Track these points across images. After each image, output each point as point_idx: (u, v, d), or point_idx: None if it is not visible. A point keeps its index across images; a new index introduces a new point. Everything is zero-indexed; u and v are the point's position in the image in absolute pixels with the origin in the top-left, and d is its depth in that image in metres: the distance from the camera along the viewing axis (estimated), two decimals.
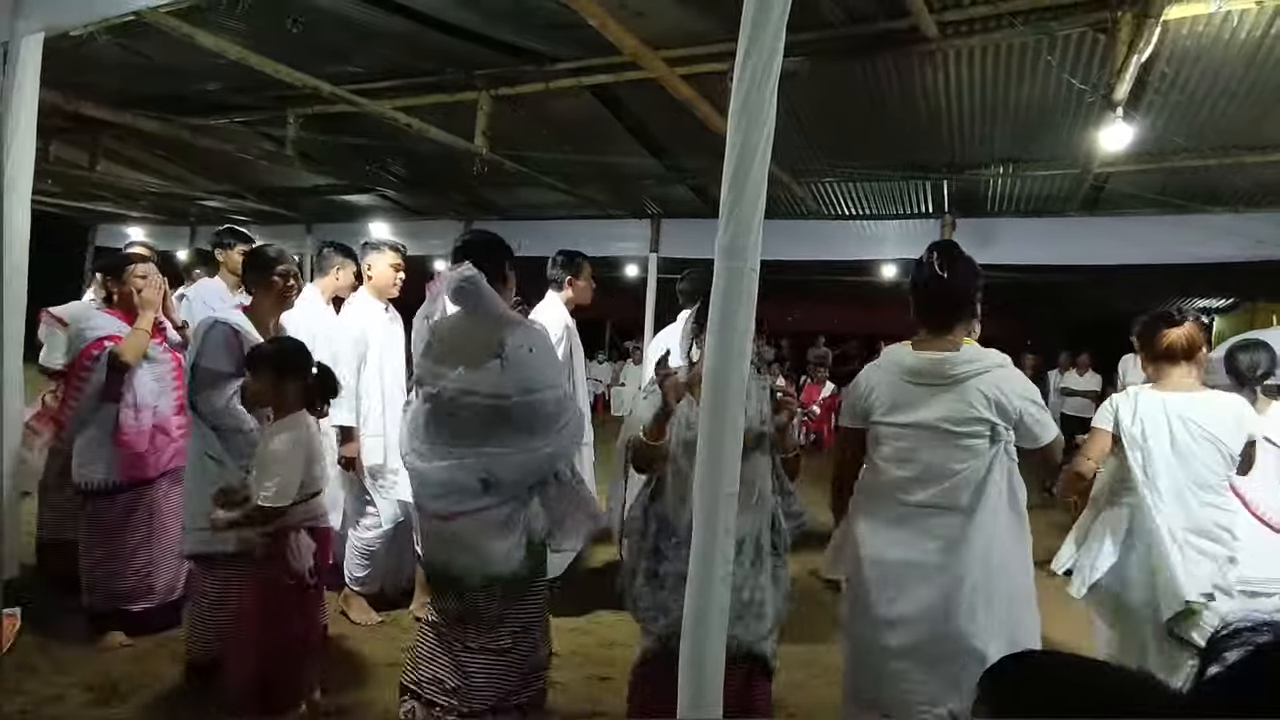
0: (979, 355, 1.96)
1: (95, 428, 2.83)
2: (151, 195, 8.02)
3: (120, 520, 2.88)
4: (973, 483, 1.90)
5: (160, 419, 2.91)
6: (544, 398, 2.17)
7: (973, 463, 1.91)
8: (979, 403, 1.89)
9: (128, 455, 2.83)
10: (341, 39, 3.84)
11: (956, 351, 1.96)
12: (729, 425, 1.35)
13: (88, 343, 2.81)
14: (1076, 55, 3.39)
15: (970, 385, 1.91)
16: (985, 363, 1.93)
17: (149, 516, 2.92)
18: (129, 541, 2.88)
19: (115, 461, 2.83)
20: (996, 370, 1.93)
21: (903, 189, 5.76)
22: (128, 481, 2.85)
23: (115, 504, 2.86)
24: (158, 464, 2.90)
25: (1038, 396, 1.97)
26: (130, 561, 2.89)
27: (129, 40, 3.87)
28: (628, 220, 7.18)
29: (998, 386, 1.90)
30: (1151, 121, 3.86)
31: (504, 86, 4.30)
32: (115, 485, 2.84)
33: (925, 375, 1.97)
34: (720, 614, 1.36)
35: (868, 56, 3.60)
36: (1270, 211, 4.94)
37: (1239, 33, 3.10)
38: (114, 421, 2.82)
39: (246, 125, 5.31)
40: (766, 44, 1.31)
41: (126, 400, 2.83)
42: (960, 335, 2.00)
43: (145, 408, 2.87)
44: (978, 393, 1.90)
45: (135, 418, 2.84)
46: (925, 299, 2.02)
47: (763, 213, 1.33)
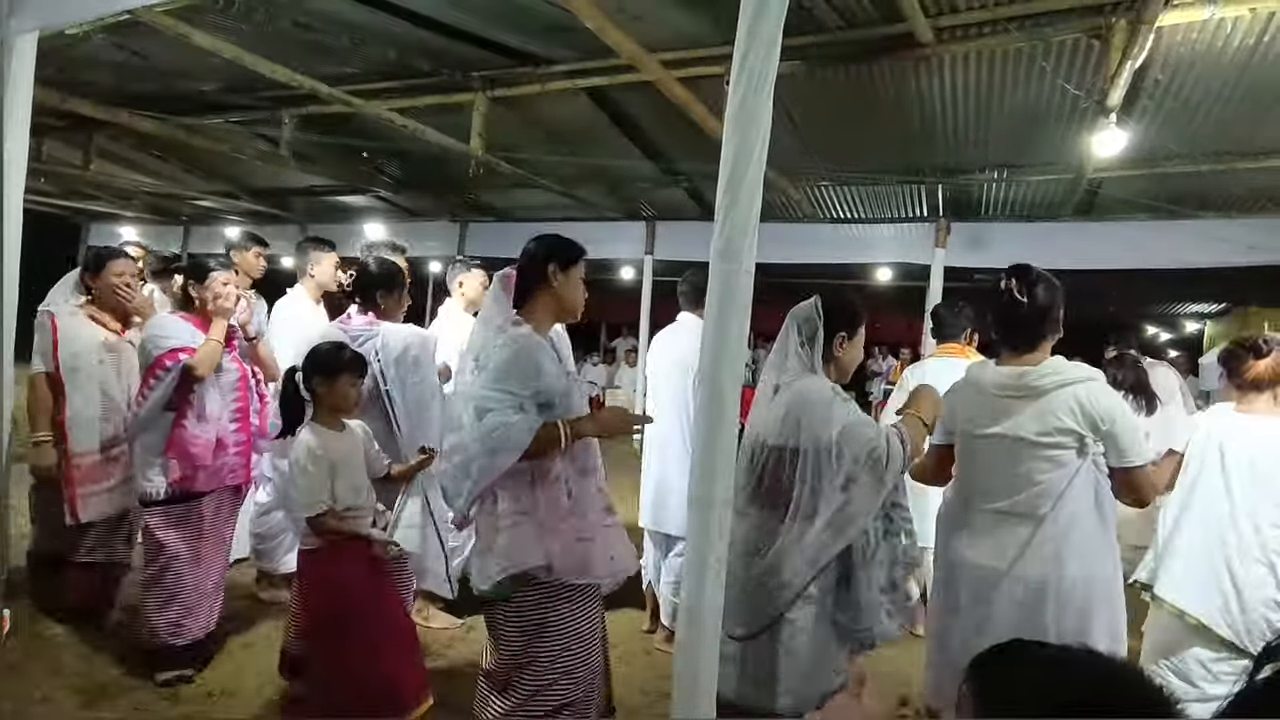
0: (1064, 367, 1.96)
1: (152, 437, 2.71)
2: (145, 195, 8.00)
3: (169, 533, 2.73)
4: (1054, 492, 1.91)
5: (221, 432, 2.80)
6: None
7: (1056, 473, 1.92)
8: (1064, 413, 1.90)
9: (184, 466, 2.70)
10: (337, 39, 3.83)
11: (1039, 365, 1.98)
12: (724, 428, 1.35)
13: (162, 351, 2.67)
14: (1071, 61, 3.41)
15: (1056, 396, 1.92)
16: (1072, 375, 1.94)
17: (196, 535, 2.76)
18: (180, 557, 2.73)
19: (169, 472, 2.70)
20: (1087, 383, 1.93)
21: (898, 193, 5.78)
22: (180, 492, 2.72)
23: (169, 516, 2.73)
24: (209, 479, 2.77)
25: (1129, 415, 1.95)
26: (181, 580, 2.74)
27: (124, 39, 3.86)
28: (623, 222, 7.18)
29: (1087, 399, 1.90)
30: (1145, 127, 3.89)
31: (500, 88, 4.30)
32: (169, 495, 2.71)
33: (1008, 388, 1.99)
34: (714, 616, 1.36)
35: (863, 61, 3.61)
36: (1263, 217, 4.97)
37: (1232, 39, 3.12)
38: (171, 431, 2.70)
39: (241, 125, 5.30)
40: (763, 48, 1.32)
41: (191, 410, 2.73)
42: (1044, 352, 2.01)
43: (210, 419, 2.76)
44: (1064, 404, 1.90)
45: (199, 428, 2.73)
46: (1006, 323, 2.04)
47: (758, 216, 1.33)
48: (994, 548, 1.98)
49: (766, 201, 1.39)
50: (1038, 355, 2.00)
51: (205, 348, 2.71)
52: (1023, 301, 1.97)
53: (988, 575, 1.98)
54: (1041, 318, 1.99)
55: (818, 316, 1.96)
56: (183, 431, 2.69)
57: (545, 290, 2.07)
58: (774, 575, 1.88)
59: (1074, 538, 1.91)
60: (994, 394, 2.02)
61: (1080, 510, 1.93)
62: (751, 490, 1.97)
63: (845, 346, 2.02)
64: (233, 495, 2.93)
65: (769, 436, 1.94)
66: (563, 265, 2.08)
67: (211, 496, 2.80)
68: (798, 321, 1.99)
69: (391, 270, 2.89)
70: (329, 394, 2.29)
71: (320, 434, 2.26)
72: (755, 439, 1.99)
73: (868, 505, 1.84)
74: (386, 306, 2.81)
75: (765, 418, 1.97)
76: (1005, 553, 1.96)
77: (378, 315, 2.78)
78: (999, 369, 2.05)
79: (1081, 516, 1.93)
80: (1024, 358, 2.01)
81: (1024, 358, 2.01)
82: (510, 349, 1.94)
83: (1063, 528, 1.91)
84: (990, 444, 2.01)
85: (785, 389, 1.95)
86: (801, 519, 1.86)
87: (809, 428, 1.85)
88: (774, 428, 1.92)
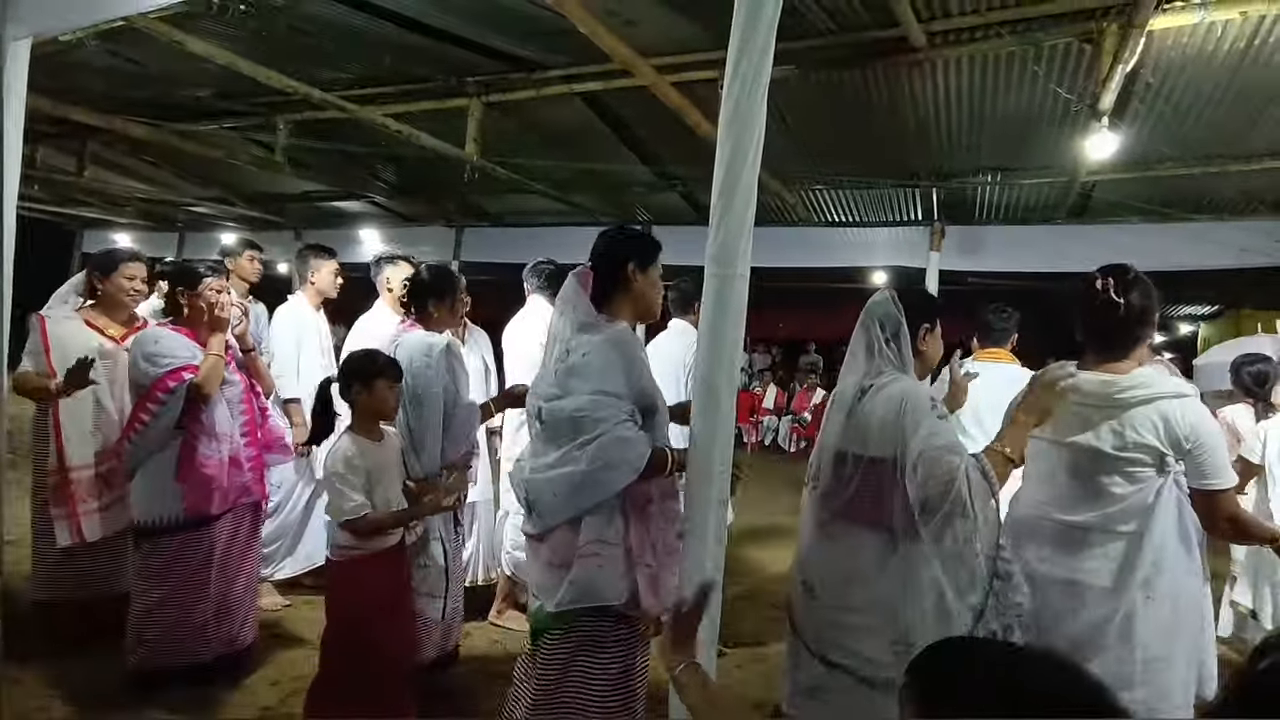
0: (1154, 380, 1.84)
1: (158, 462, 2.55)
2: (139, 201, 7.98)
3: (177, 561, 2.57)
4: (1138, 509, 1.82)
5: (234, 449, 2.66)
6: None
7: (1137, 488, 1.82)
8: (1146, 429, 1.79)
9: (197, 489, 2.55)
10: (331, 45, 3.84)
11: (1126, 375, 1.85)
12: (720, 429, 1.35)
13: (162, 371, 2.49)
14: (1063, 65, 3.43)
15: (1140, 411, 1.80)
16: (1162, 388, 1.82)
17: (209, 558, 2.62)
18: (188, 585, 2.58)
19: (179, 496, 2.54)
20: (1175, 400, 1.81)
21: (892, 196, 5.80)
22: (191, 518, 2.56)
23: (173, 543, 2.57)
24: (224, 499, 2.63)
25: (1218, 435, 1.84)
26: (190, 609, 2.58)
27: (117, 45, 3.86)
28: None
29: (1174, 415, 1.79)
30: (1137, 130, 3.91)
31: (495, 93, 4.30)
32: (177, 523, 2.55)
33: (1090, 397, 1.87)
34: (711, 617, 1.36)
35: (856, 65, 3.62)
36: (1254, 219, 5.00)
37: (1223, 43, 3.14)
38: (179, 453, 2.54)
39: (236, 131, 5.30)
40: (756, 52, 1.32)
41: (201, 429, 2.57)
42: (1135, 360, 1.89)
43: (223, 437, 2.62)
44: (1147, 418, 1.80)
45: (212, 447, 2.58)
46: (1096, 325, 1.91)
47: (753, 219, 1.34)
48: (1070, 562, 1.87)
49: (760, 205, 1.39)
50: (1128, 363, 1.88)
51: (208, 364, 2.54)
52: (1119, 303, 1.83)
53: (1066, 588, 1.87)
54: (1137, 321, 1.87)
55: (898, 309, 1.82)
56: (194, 453, 2.54)
57: (624, 291, 1.92)
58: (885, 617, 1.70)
59: (1163, 558, 1.82)
60: (1075, 401, 1.89)
61: (1168, 529, 1.83)
62: (843, 506, 1.81)
63: (929, 339, 1.89)
64: (252, 512, 2.82)
65: (862, 446, 1.77)
66: (642, 264, 1.92)
67: (228, 517, 2.67)
68: (877, 317, 1.84)
69: (443, 278, 2.79)
70: (369, 400, 2.25)
71: (359, 442, 2.23)
72: (841, 450, 1.82)
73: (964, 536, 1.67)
74: (439, 315, 2.72)
75: (856, 425, 1.80)
76: (1085, 566, 1.85)
77: (427, 325, 2.68)
78: (1084, 375, 1.91)
79: (1169, 536, 1.83)
80: (1113, 365, 1.88)
81: (1113, 365, 1.88)
82: (613, 348, 1.79)
83: (1154, 546, 1.81)
84: (1066, 453, 1.90)
85: (876, 391, 1.79)
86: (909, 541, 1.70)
87: (906, 438, 1.70)
88: (869, 436, 1.76)
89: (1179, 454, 1.80)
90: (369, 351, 2.37)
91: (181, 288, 2.66)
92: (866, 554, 1.74)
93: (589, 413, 1.73)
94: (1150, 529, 1.81)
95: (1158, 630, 1.81)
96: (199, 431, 2.56)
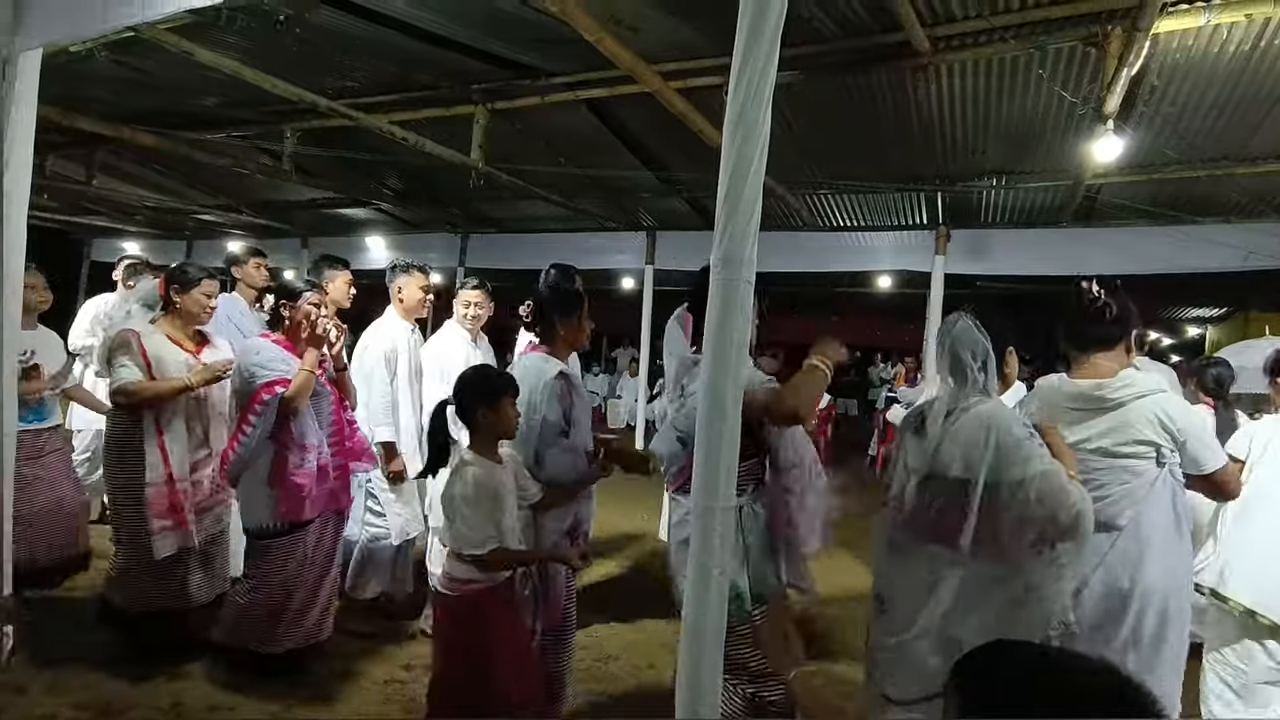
0: (1138, 379, 1.96)
1: (256, 469, 2.69)
2: (148, 209, 8.03)
3: (280, 564, 2.73)
4: (1133, 502, 1.91)
5: (322, 459, 2.74)
6: None
7: (1134, 482, 1.92)
8: (1144, 425, 1.90)
9: (287, 496, 2.66)
10: (338, 54, 3.86)
11: (1115, 377, 1.97)
12: (725, 437, 1.35)
13: (260, 383, 2.60)
14: (1068, 69, 3.43)
15: (1133, 408, 1.93)
16: (1145, 386, 1.94)
17: (303, 562, 2.76)
18: (282, 585, 2.74)
19: (274, 502, 2.67)
20: (1160, 394, 1.93)
21: (897, 201, 5.79)
22: (286, 524, 2.70)
23: (276, 547, 2.72)
24: (313, 507, 2.73)
25: (1200, 422, 1.98)
26: (284, 606, 2.75)
27: (126, 56, 3.89)
28: (623, 233, 7.20)
29: (1163, 409, 1.91)
30: (1143, 134, 3.90)
31: (500, 100, 4.33)
32: (275, 528, 2.70)
33: (1083, 400, 1.99)
34: (718, 623, 1.36)
35: (861, 70, 3.63)
36: (1261, 221, 4.97)
37: (1228, 46, 3.14)
38: (271, 462, 2.66)
39: (243, 139, 5.33)
40: (761, 57, 1.32)
41: (291, 440, 2.66)
42: (1117, 362, 2.01)
43: (310, 448, 2.70)
44: (1143, 416, 1.91)
45: (301, 458, 2.67)
46: (1082, 328, 2.04)
47: (758, 225, 1.34)
48: None
49: (766, 210, 1.39)
50: (1114, 362, 2.00)
51: (300, 379, 2.64)
52: (1101, 307, 1.98)
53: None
54: (1118, 326, 2.01)
55: (984, 336, 1.86)
56: (285, 463, 2.65)
57: None
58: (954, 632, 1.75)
59: (1155, 545, 1.90)
60: (1067, 406, 2.00)
61: (1160, 518, 1.92)
62: (922, 526, 1.86)
63: (1009, 360, 1.96)
64: (336, 520, 2.90)
65: (947, 469, 1.80)
66: None
67: (316, 524, 2.77)
68: (966, 346, 1.86)
69: (567, 292, 2.63)
70: (496, 420, 2.12)
71: (484, 465, 2.10)
72: (928, 473, 1.85)
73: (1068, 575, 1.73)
74: (566, 334, 2.53)
75: (943, 448, 1.83)
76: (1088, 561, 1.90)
77: (553, 345, 2.51)
78: (1073, 381, 2.03)
79: (1161, 524, 1.92)
80: (1101, 363, 2.00)
81: (1101, 363, 2.00)
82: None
83: (1145, 536, 1.90)
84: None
85: (963, 414, 1.83)
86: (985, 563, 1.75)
87: (997, 463, 1.73)
88: (954, 459, 1.79)
89: (1174, 447, 1.91)
90: (485, 370, 2.29)
91: (284, 301, 2.76)
92: (942, 573, 1.80)
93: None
94: (1147, 519, 1.91)
95: (1155, 615, 1.89)
96: (289, 442, 2.66)
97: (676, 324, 2.07)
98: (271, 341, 2.73)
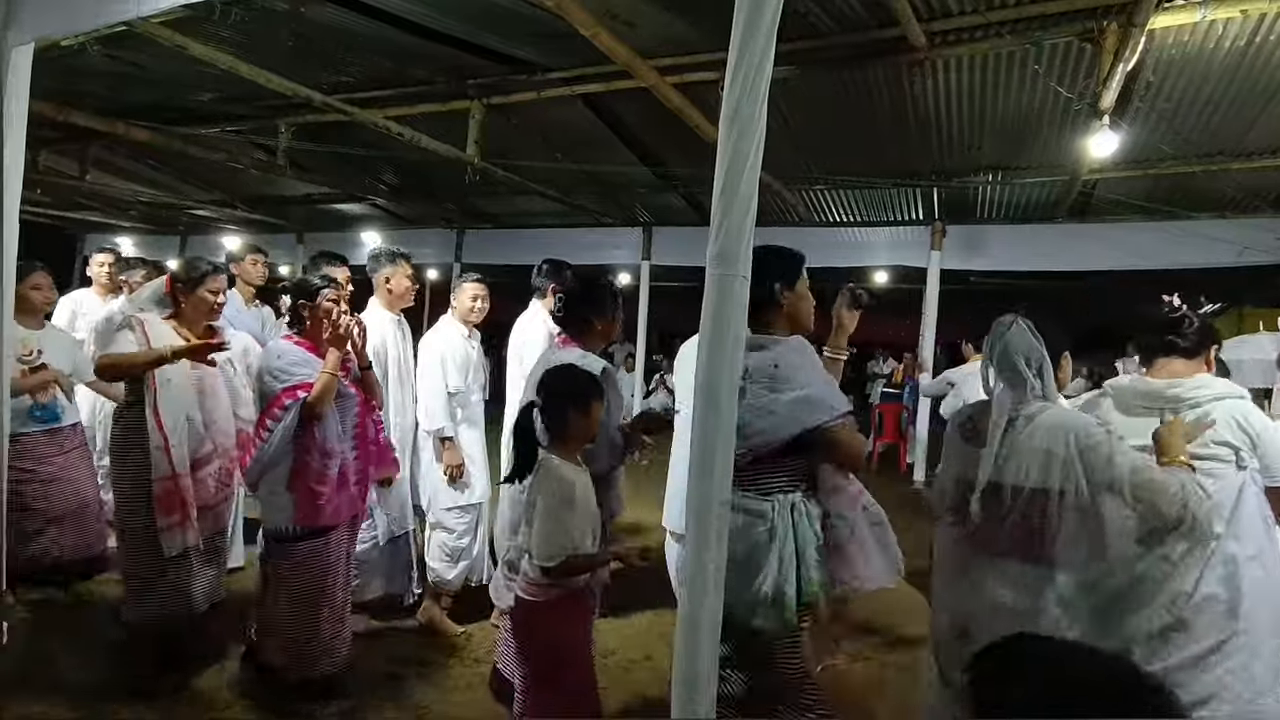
0: (1215, 382, 1.92)
1: (277, 472, 2.56)
2: (141, 205, 8.01)
3: (302, 569, 2.59)
4: (1223, 508, 1.82)
5: (344, 464, 2.62)
6: None
7: (1218, 485, 1.84)
8: (1223, 426, 1.84)
9: (306, 503, 2.54)
10: (333, 49, 3.85)
11: (1190, 379, 1.93)
12: (721, 435, 1.35)
13: (281, 387, 2.50)
14: (1064, 64, 3.43)
15: (1209, 409, 1.86)
16: (1221, 389, 1.90)
17: (323, 571, 2.61)
18: (307, 595, 2.59)
19: (293, 508, 2.55)
20: (1237, 399, 1.89)
21: (893, 196, 5.80)
22: (306, 529, 2.56)
23: (296, 551, 2.58)
24: (336, 513, 2.60)
25: (1276, 432, 1.89)
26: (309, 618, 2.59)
27: (119, 50, 3.87)
28: (620, 228, 7.19)
29: (1242, 413, 1.86)
30: (1138, 129, 3.91)
31: (496, 95, 4.32)
32: (294, 532, 2.55)
33: (1157, 399, 1.94)
34: (713, 620, 1.36)
35: (857, 66, 3.63)
36: (1255, 217, 4.99)
37: (1224, 41, 3.14)
38: (291, 466, 2.54)
39: (238, 134, 5.31)
40: (757, 52, 1.32)
41: (314, 445, 2.54)
42: (1198, 366, 1.97)
43: (334, 453, 2.59)
44: (1222, 417, 1.84)
45: (323, 463, 2.55)
46: (1169, 335, 2.00)
47: (754, 221, 1.34)
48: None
49: (761, 205, 1.39)
50: (1190, 368, 1.96)
51: (321, 382, 2.51)
52: (1189, 317, 1.98)
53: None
54: (1206, 337, 1.98)
55: (1039, 341, 1.82)
56: (307, 467, 2.53)
57: (776, 311, 1.93)
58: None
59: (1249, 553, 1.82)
60: (1142, 407, 1.95)
61: (1252, 527, 1.84)
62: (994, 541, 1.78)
63: (1064, 364, 1.90)
64: (350, 527, 2.75)
65: (1021, 478, 1.74)
66: (789, 282, 1.93)
67: (337, 530, 2.63)
68: (1021, 352, 1.81)
69: (602, 288, 2.58)
70: (584, 424, 2.05)
71: (571, 470, 2.01)
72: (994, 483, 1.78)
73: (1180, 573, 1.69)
74: (602, 328, 2.52)
75: (1012, 457, 1.76)
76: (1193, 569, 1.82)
77: (586, 340, 2.49)
78: (1147, 380, 1.99)
79: (1255, 534, 1.85)
80: (1175, 368, 1.97)
81: (1175, 368, 1.97)
82: (796, 354, 1.86)
83: (1238, 544, 1.82)
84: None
85: (1029, 422, 1.77)
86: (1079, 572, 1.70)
87: (1084, 468, 1.68)
88: (1030, 468, 1.73)
89: (1251, 451, 1.83)
90: (575, 371, 2.18)
91: (302, 300, 2.61)
92: (1027, 588, 1.74)
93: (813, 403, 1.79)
94: (1236, 528, 1.82)
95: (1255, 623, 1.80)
96: (311, 446, 2.54)
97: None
98: (294, 344, 2.58)
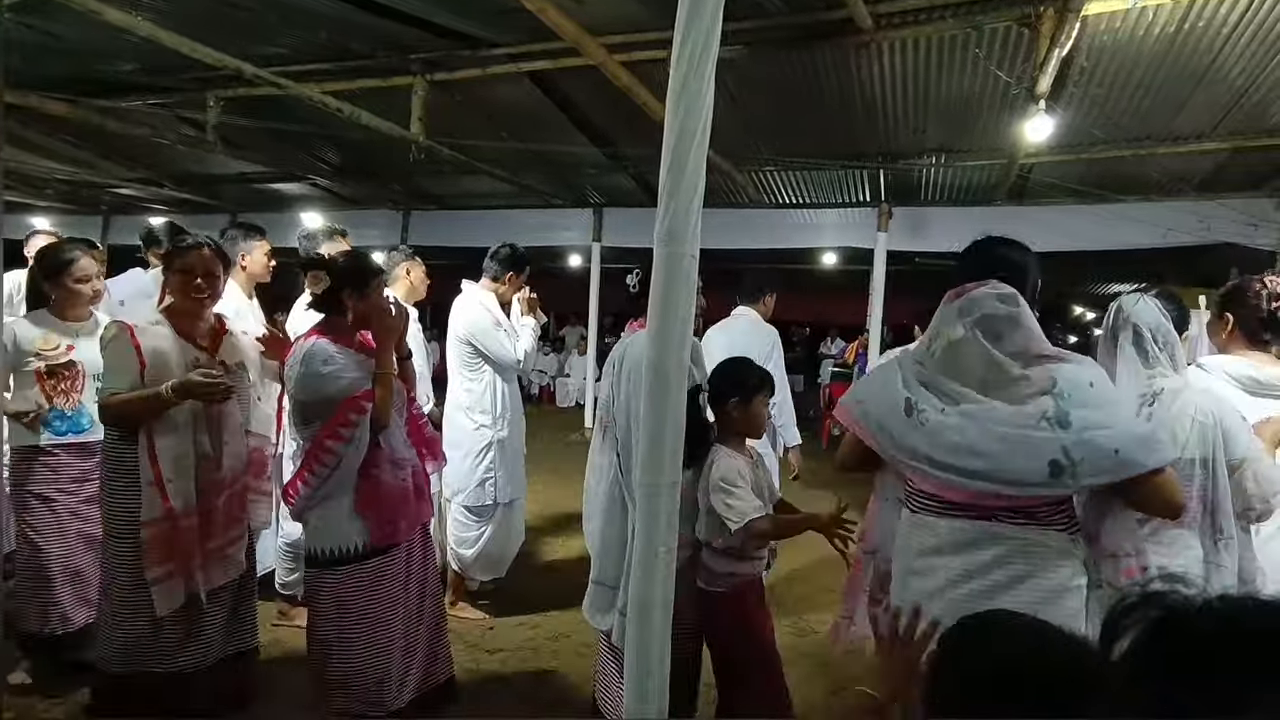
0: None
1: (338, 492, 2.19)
2: (59, 183, 7.56)
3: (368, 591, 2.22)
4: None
5: (415, 470, 2.34)
6: None
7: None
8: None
9: (384, 520, 2.22)
10: (265, 17, 3.67)
11: (1276, 367, 1.93)
12: (670, 414, 1.35)
13: (343, 397, 2.13)
14: (1003, 49, 3.51)
15: None
16: None
17: (401, 587, 2.30)
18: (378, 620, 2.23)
19: (365, 530, 2.18)
20: None
21: (841, 178, 5.88)
22: (382, 545, 2.22)
23: (364, 569, 2.21)
24: (411, 526, 2.32)
25: None
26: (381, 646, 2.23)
27: (31, 18, 3.62)
28: (570, 210, 7.12)
29: None
30: (1072, 114, 4.03)
31: (440, 71, 4.19)
32: (367, 551, 2.20)
33: (1267, 386, 1.92)
34: (664, 608, 1.36)
35: (805, 46, 3.64)
36: (1179, 200, 5.23)
37: (1154, 28, 3.26)
38: (359, 486, 2.19)
39: (162, 108, 5.05)
40: (703, 28, 1.30)
41: (383, 457, 2.22)
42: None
43: (403, 462, 2.29)
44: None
45: (394, 474, 2.24)
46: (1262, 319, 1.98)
47: (701, 197, 1.33)
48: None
49: (711, 186, 1.38)
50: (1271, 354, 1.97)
51: (384, 386, 2.19)
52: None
53: None
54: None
55: (1166, 317, 1.82)
56: (378, 485, 2.21)
57: None
58: None
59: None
60: (1249, 393, 1.93)
61: None
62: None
63: (1185, 342, 1.90)
64: (423, 533, 2.43)
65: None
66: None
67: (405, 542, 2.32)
68: (1147, 325, 1.80)
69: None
70: (745, 416, 2.07)
71: (739, 459, 2.05)
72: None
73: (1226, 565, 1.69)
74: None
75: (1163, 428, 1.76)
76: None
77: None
78: (1259, 366, 1.96)
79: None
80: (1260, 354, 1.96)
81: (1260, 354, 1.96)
82: None
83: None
84: None
85: (1173, 396, 1.75)
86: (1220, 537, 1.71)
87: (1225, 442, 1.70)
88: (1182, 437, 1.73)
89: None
90: (744, 363, 2.14)
91: (349, 288, 2.21)
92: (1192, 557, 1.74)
93: None
94: None
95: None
96: (380, 459, 2.21)
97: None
98: (332, 342, 2.17)
